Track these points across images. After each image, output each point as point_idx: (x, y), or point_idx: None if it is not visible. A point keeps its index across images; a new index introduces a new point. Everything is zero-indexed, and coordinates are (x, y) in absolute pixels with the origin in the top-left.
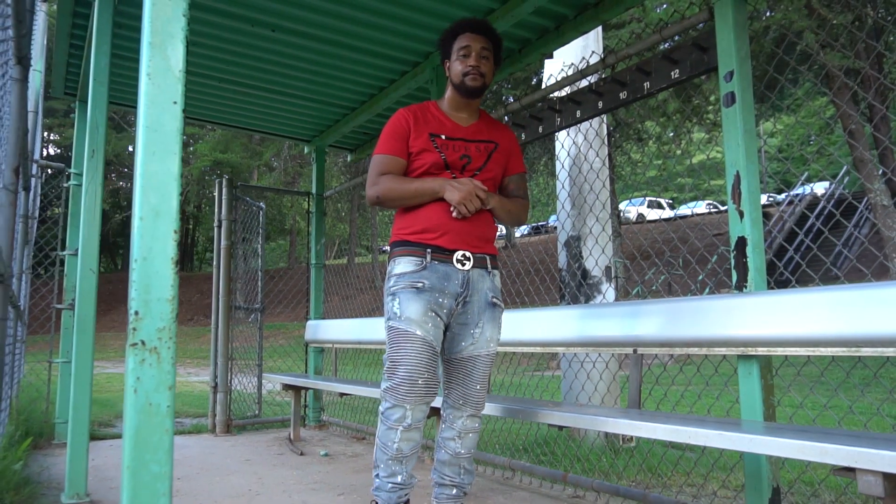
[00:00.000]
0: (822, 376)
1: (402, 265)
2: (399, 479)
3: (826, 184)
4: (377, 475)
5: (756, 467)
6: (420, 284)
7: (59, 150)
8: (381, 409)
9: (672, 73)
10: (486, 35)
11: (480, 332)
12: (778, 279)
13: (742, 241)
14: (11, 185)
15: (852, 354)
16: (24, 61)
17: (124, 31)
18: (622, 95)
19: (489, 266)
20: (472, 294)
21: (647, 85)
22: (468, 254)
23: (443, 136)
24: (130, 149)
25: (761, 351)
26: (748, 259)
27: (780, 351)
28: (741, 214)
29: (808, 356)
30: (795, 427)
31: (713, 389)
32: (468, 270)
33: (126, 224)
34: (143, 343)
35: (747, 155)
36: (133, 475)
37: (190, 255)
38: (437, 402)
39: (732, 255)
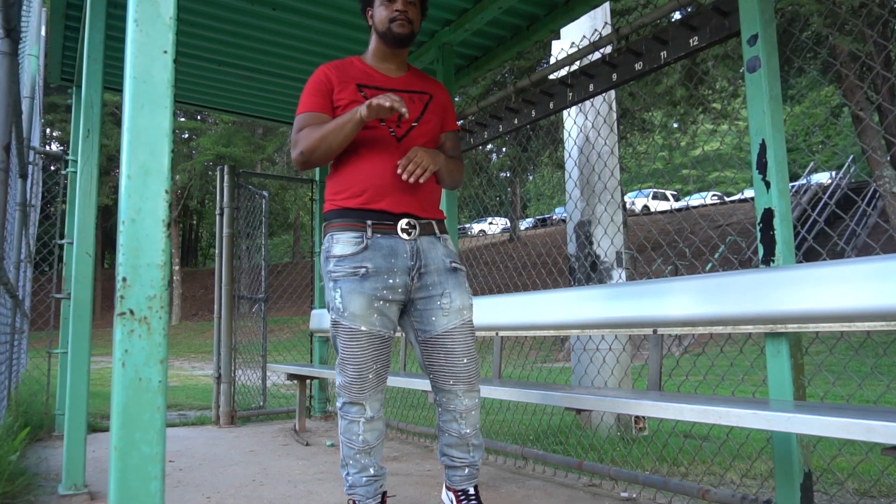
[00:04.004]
0: (857, 355)
1: (341, 245)
2: (371, 471)
3: (830, 173)
4: (347, 474)
5: (786, 451)
6: (363, 270)
7: (62, 148)
8: (338, 405)
9: (691, 41)
10: None
11: (449, 301)
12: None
13: (769, 213)
14: (2, 163)
15: (892, 329)
16: (12, 34)
17: (120, 10)
18: (637, 66)
19: (437, 231)
20: (427, 264)
21: (664, 54)
22: (413, 221)
23: (371, 87)
24: None
25: (791, 328)
26: (775, 231)
27: (812, 327)
28: (767, 185)
29: (841, 333)
30: (831, 405)
31: (735, 373)
32: (415, 240)
33: None
34: (131, 312)
35: (773, 122)
36: (122, 456)
37: (194, 250)
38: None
39: (759, 227)
